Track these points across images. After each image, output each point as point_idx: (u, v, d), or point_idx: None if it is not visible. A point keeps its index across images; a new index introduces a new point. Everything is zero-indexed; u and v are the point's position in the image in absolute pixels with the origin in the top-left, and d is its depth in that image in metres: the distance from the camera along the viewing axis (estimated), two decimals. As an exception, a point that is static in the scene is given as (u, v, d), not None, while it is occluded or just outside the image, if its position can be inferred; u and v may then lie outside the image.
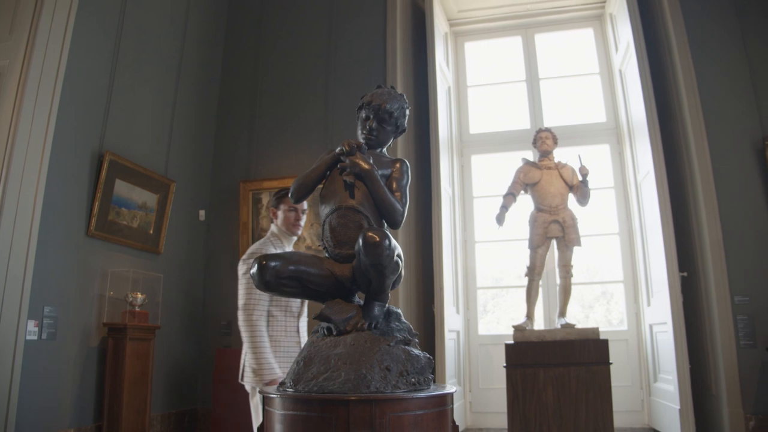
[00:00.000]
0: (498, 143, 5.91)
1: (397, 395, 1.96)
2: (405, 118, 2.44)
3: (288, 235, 3.15)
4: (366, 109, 2.38)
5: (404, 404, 1.95)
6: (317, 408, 1.92)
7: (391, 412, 1.90)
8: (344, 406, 1.88)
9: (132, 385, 4.22)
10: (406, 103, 2.44)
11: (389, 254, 2.01)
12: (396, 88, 2.49)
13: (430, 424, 2.00)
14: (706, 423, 4.53)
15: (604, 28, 5.94)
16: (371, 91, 2.41)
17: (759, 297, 4.44)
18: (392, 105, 2.36)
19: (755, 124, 4.69)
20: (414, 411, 1.96)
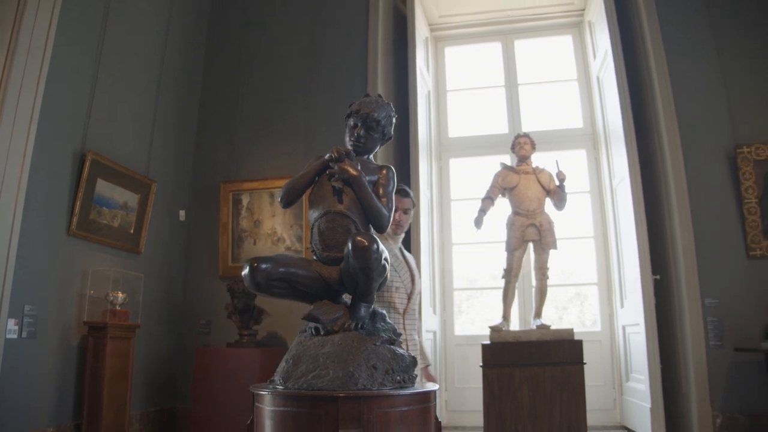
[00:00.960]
0: (476, 147, 6.06)
1: (384, 392, 2.08)
2: (392, 126, 2.56)
3: (392, 235, 3.09)
4: (354, 117, 2.49)
5: (391, 401, 2.07)
6: (307, 404, 2.03)
7: (378, 408, 2.02)
8: (333, 402, 2.00)
9: (112, 383, 4.26)
10: (393, 112, 2.57)
11: (377, 258, 2.13)
12: (381, 95, 2.61)
13: (415, 420, 2.13)
14: (675, 421, 4.72)
15: (582, 35, 6.13)
16: (359, 99, 2.53)
17: (728, 300, 4.63)
18: (380, 113, 2.48)
19: (727, 132, 4.89)
20: (400, 407, 2.08)
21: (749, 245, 4.69)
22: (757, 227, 4.70)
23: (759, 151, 4.77)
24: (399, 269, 2.87)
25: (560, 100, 6.20)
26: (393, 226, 2.99)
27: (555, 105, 6.18)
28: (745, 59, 5.02)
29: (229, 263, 5.36)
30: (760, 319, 4.49)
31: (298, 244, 5.25)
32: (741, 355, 4.50)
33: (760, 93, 4.94)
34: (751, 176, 4.76)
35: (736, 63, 5.03)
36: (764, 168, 4.76)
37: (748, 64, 5.01)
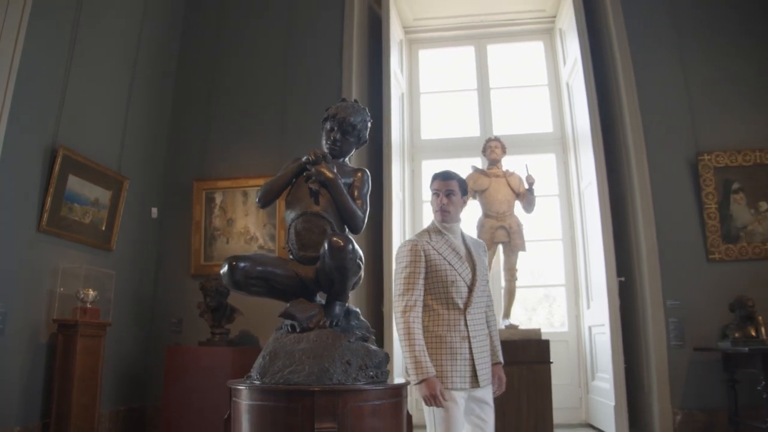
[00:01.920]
0: (448, 149, 6.20)
1: (358, 387, 2.20)
2: (367, 131, 2.68)
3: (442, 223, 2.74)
4: (331, 121, 2.61)
5: (364, 395, 2.19)
6: (284, 399, 2.14)
7: (352, 402, 2.14)
8: (309, 396, 2.11)
9: (82, 381, 4.25)
10: (369, 117, 2.68)
11: (352, 258, 2.25)
12: (357, 100, 2.72)
13: (388, 413, 2.25)
14: (638, 418, 4.92)
15: (553, 42, 6.32)
16: (336, 104, 2.64)
17: (689, 301, 4.84)
18: (356, 118, 2.60)
19: (690, 139, 5.11)
20: (373, 401, 2.20)
21: (709, 249, 4.91)
22: (716, 232, 4.92)
23: (719, 158, 4.99)
24: (453, 260, 2.58)
25: (531, 104, 6.40)
26: (437, 214, 2.74)
27: (526, 109, 6.37)
28: (708, 71, 5.25)
29: (201, 262, 5.39)
30: (717, 320, 4.69)
31: (271, 243, 5.31)
32: (700, 354, 4.71)
33: (721, 103, 5.17)
34: (711, 183, 4.98)
35: (699, 74, 5.25)
36: (723, 175, 4.98)
37: (710, 76, 5.24)
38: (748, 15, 5.33)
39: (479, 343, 2.56)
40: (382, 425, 2.21)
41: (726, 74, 5.22)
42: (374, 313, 5.25)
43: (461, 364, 2.49)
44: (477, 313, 2.60)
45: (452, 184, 2.71)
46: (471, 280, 2.59)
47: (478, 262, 2.67)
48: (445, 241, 2.64)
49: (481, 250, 2.79)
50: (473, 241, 2.81)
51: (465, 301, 2.58)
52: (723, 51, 5.28)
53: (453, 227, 2.72)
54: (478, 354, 2.53)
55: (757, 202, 4.96)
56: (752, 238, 4.91)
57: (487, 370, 2.58)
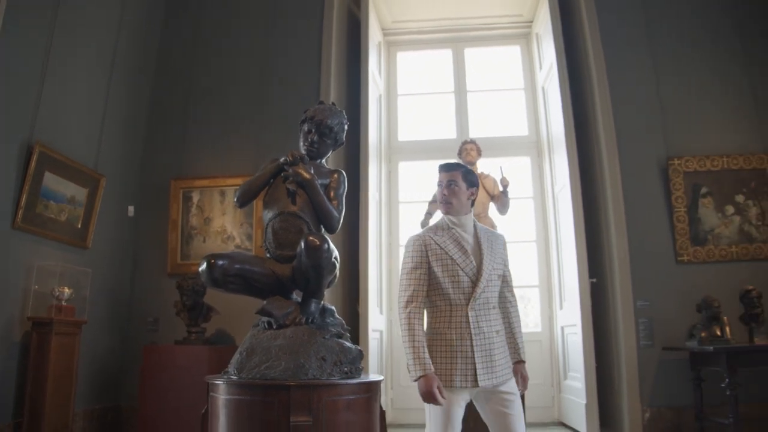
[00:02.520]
0: (425, 151, 6.30)
1: (332, 382, 2.28)
2: (344, 133, 2.77)
3: (445, 216, 2.68)
4: (308, 123, 2.69)
5: (338, 390, 2.27)
6: (260, 393, 2.22)
7: (326, 396, 2.23)
8: (285, 391, 2.19)
9: (56, 380, 4.25)
10: (346, 119, 2.77)
11: (328, 257, 2.34)
12: (334, 103, 2.81)
13: (361, 407, 2.34)
14: (609, 416, 5.06)
15: (530, 46, 6.45)
16: (314, 107, 2.72)
17: (658, 302, 4.99)
18: (333, 120, 2.69)
19: (661, 144, 5.27)
20: (347, 396, 2.29)
21: (678, 251, 5.07)
22: (685, 235, 5.09)
23: (688, 163, 5.16)
24: (456, 255, 2.52)
25: (507, 108, 6.53)
26: (440, 206, 2.68)
27: (502, 113, 6.51)
28: (679, 79, 5.42)
29: (178, 260, 5.43)
30: (685, 320, 4.83)
31: (248, 243, 5.36)
32: (668, 354, 4.87)
33: (692, 110, 5.34)
34: (680, 187, 5.14)
35: (670, 81, 5.43)
36: (692, 179, 5.15)
37: (681, 84, 5.41)
38: (719, 26, 5.52)
39: (483, 340, 2.47)
40: (356, 419, 2.29)
41: (696, 82, 5.40)
42: (350, 313, 5.33)
43: (461, 362, 2.43)
44: (483, 309, 2.52)
45: (454, 175, 2.64)
46: (475, 275, 2.51)
47: (487, 256, 2.57)
48: (450, 235, 2.59)
49: (498, 243, 2.69)
50: (489, 234, 2.72)
51: (468, 296, 2.51)
52: (694, 60, 5.45)
53: (462, 220, 2.64)
54: (480, 352, 2.45)
55: (724, 206, 5.13)
56: (719, 241, 5.08)
57: (494, 368, 2.46)
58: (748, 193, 5.13)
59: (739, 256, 5.05)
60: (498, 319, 2.58)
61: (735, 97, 5.36)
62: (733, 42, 5.47)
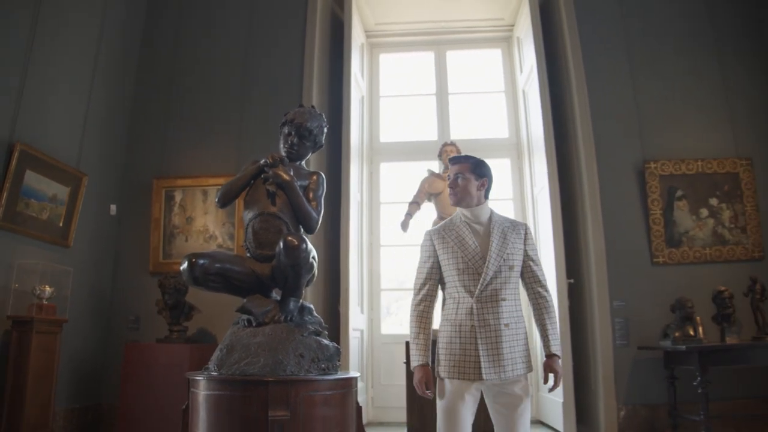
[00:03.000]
0: (406, 152, 6.41)
1: (309, 378, 2.37)
2: (323, 135, 2.87)
3: (457, 207, 2.73)
4: (288, 126, 2.78)
5: (315, 385, 2.37)
6: (239, 388, 2.30)
7: (304, 392, 2.32)
8: (263, 386, 2.28)
9: (36, 379, 4.26)
10: (325, 122, 2.87)
11: (305, 256, 2.43)
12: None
13: (338, 403, 2.43)
14: (585, 414, 5.18)
15: (511, 50, 6.58)
16: (294, 109, 2.81)
17: (634, 302, 5.13)
18: (312, 123, 2.79)
19: (637, 148, 5.41)
20: (324, 391, 2.38)
21: (653, 253, 5.21)
22: (660, 237, 5.23)
23: (664, 166, 5.30)
24: (463, 247, 2.55)
25: (488, 110, 6.66)
26: (450, 198, 2.72)
27: (483, 115, 6.64)
28: (656, 84, 5.57)
29: (160, 259, 5.48)
30: (660, 320, 4.97)
31: (230, 242, 5.42)
32: (643, 353, 5.00)
33: (668, 115, 5.49)
34: (656, 189, 5.28)
35: (648, 86, 5.58)
36: (668, 182, 5.30)
37: (658, 89, 5.56)
38: (696, 33, 5.68)
39: (489, 332, 2.45)
40: (332, 414, 2.39)
41: (673, 87, 5.55)
42: (331, 312, 5.42)
43: (466, 354, 2.45)
44: (489, 301, 2.50)
45: (460, 168, 2.68)
46: (480, 267, 2.51)
47: (494, 247, 2.54)
48: (460, 227, 2.63)
49: (514, 234, 2.64)
50: (506, 224, 2.68)
51: (475, 289, 2.51)
52: (671, 65, 5.60)
53: (474, 211, 2.64)
54: (485, 345, 2.44)
55: (698, 209, 5.28)
56: (693, 243, 5.23)
57: (501, 362, 2.43)
58: (722, 197, 5.28)
59: (713, 258, 5.20)
60: (512, 312, 2.53)
61: (710, 102, 5.52)
62: (710, 49, 5.63)
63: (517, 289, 2.62)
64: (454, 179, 2.67)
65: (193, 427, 2.38)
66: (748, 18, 5.73)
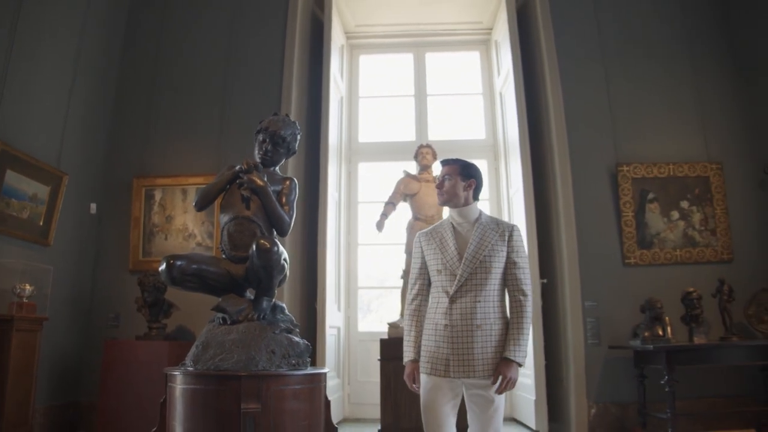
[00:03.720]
0: (384, 153, 6.61)
1: (280, 373, 2.58)
2: (296, 142, 3.07)
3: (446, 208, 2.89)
4: (263, 134, 2.98)
5: (285, 380, 2.57)
6: (214, 383, 2.50)
7: (274, 386, 2.52)
8: (236, 381, 2.48)
9: (16, 376, 4.33)
10: (298, 130, 3.06)
11: (277, 258, 2.63)
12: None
13: (307, 396, 2.63)
14: (557, 411, 5.39)
15: (489, 52, 6.80)
16: (268, 118, 3.01)
17: (605, 302, 5.34)
18: (286, 131, 2.99)
19: (610, 151, 5.64)
20: (293, 386, 2.58)
21: (625, 254, 5.44)
22: (632, 238, 5.46)
23: (636, 170, 5.54)
24: (442, 249, 2.69)
25: (466, 112, 6.89)
26: (437, 198, 2.84)
27: (461, 116, 6.86)
28: (630, 89, 5.81)
29: (139, 257, 5.63)
30: (630, 320, 5.20)
31: (209, 241, 5.58)
32: (613, 352, 5.22)
33: (641, 119, 5.73)
34: (629, 192, 5.52)
35: (622, 91, 5.81)
36: (640, 185, 5.53)
37: (632, 93, 5.80)
38: (668, 39, 5.94)
39: (460, 331, 2.54)
40: (301, 407, 2.59)
41: (646, 92, 5.79)
42: (309, 310, 5.60)
43: (438, 352, 2.59)
44: (464, 300, 2.59)
45: (448, 170, 2.79)
46: (457, 270, 2.61)
47: (472, 250, 2.64)
48: (445, 230, 2.76)
49: (495, 235, 2.69)
50: (490, 225, 2.76)
51: (450, 289, 2.62)
52: (644, 70, 5.85)
53: (463, 211, 2.76)
54: (455, 343, 2.55)
55: (669, 211, 5.52)
56: (664, 245, 5.46)
57: (471, 362, 2.54)
58: (693, 200, 5.53)
59: (683, 260, 5.43)
60: (487, 313, 2.59)
61: (682, 107, 5.77)
62: (683, 54, 5.89)
63: (496, 291, 2.66)
64: (441, 181, 2.79)
65: (170, 420, 2.57)
66: (720, 26, 5.99)
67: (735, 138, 5.70)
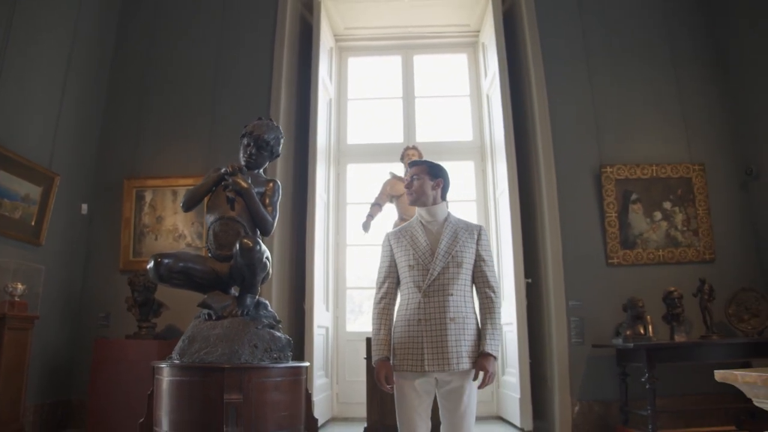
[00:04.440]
0: (373, 154, 6.80)
1: (261, 365, 2.77)
2: (279, 146, 3.26)
3: (415, 208, 3.01)
4: (248, 137, 3.18)
5: (266, 372, 2.75)
6: (199, 375, 2.69)
7: (256, 378, 2.71)
8: (220, 373, 2.66)
9: (8, 374, 4.46)
10: (281, 134, 3.26)
11: (259, 257, 2.82)
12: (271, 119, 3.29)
13: (287, 388, 2.82)
14: (541, 409, 5.58)
15: (476, 55, 7.00)
16: (253, 122, 3.20)
17: (589, 301, 5.53)
18: (269, 135, 3.18)
19: (595, 152, 5.84)
20: (275, 378, 2.77)
21: (608, 254, 5.63)
22: (615, 238, 5.65)
23: (620, 171, 5.73)
24: (413, 246, 2.82)
25: (453, 113, 7.09)
26: (407, 198, 2.98)
27: (448, 118, 7.06)
28: (614, 91, 6.01)
29: (130, 257, 5.80)
30: (614, 319, 5.38)
31: (198, 241, 5.76)
32: (597, 351, 5.41)
33: (624, 121, 5.93)
34: (612, 193, 5.71)
35: (605, 93, 6.01)
36: (623, 186, 5.73)
37: (616, 96, 6.00)
38: (651, 42, 6.15)
39: (434, 326, 2.65)
40: (282, 399, 2.77)
41: (630, 95, 6.00)
42: (297, 309, 5.78)
43: (412, 347, 2.66)
44: (436, 295, 2.71)
45: (417, 170, 2.94)
46: (428, 262, 2.73)
47: (443, 244, 2.79)
48: (415, 228, 2.89)
49: (466, 233, 2.86)
50: (460, 225, 2.92)
51: (423, 283, 2.72)
52: (628, 73, 6.05)
53: (431, 210, 2.89)
54: (429, 337, 2.65)
55: (652, 212, 5.71)
56: (647, 245, 5.66)
57: (445, 355, 2.64)
58: (675, 200, 5.73)
59: (665, 260, 5.63)
60: (459, 307, 2.73)
61: (665, 109, 5.97)
62: (666, 58, 6.09)
63: (467, 286, 2.82)
64: (410, 180, 2.93)
65: (157, 410, 2.75)
66: (702, 30, 6.20)
67: (717, 139, 5.90)
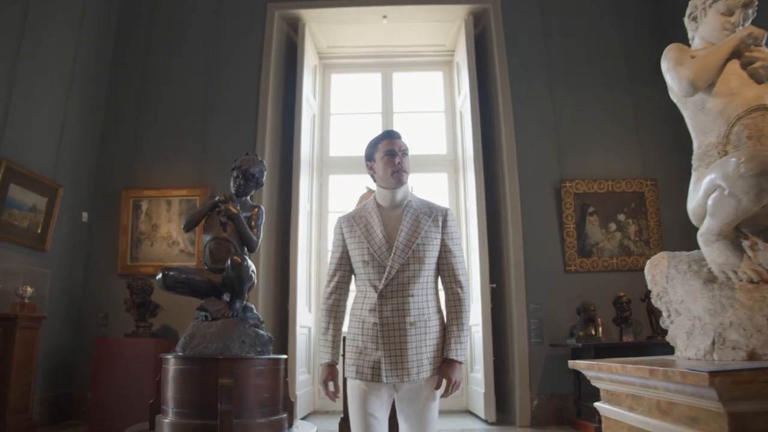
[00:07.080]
0: (354, 166, 7.53)
1: (248, 357, 3.70)
2: (263, 177, 4.20)
3: (392, 188, 2.64)
4: (237, 171, 4.11)
5: (252, 362, 3.69)
6: (198, 364, 3.62)
7: (244, 366, 3.65)
8: (215, 362, 3.61)
9: (19, 369, 5.11)
10: (264, 167, 4.20)
11: (246, 270, 3.77)
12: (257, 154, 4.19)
13: (269, 375, 3.76)
14: (504, 403, 6.44)
15: (451, 73, 7.87)
16: (241, 157, 4.13)
17: (548, 305, 6.36)
18: (255, 169, 4.11)
19: (555, 168, 6.70)
20: (258, 367, 3.70)
21: (566, 262, 6.49)
22: (573, 248, 6.53)
23: (578, 185, 6.61)
24: (369, 237, 2.56)
25: (429, 128, 7.93)
26: (395, 175, 2.62)
27: (424, 133, 7.89)
28: (574, 112, 6.87)
29: (127, 262, 6.64)
30: (570, 321, 6.21)
31: (191, 247, 6.57)
32: (554, 350, 6.24)
33: (583, 139, 6.80)
34: (571, 206, 6.59)
35: (567, 114, 6.87)
36: (581, 200, 6.60)
37: (576, 116, 6.86)
38: (610, 64, 7.02)
39: (392, 331, 2.44)
40: (264, 383, 3.70)
41: (589, 116, 6.85)
42: (282, 311, 6.64)
43: (367, 354, 2.46)
44: (395, 296, 2.48)
45: (404, 145, 2.68)
46: (387, 261, 2.49)
47: (404, 238, 2.52)
48: (370, 215, 2.61)
49: (428, 221, 2.59)
50: (423, 209, 2.65)
51: (379, 283, 2.48)
52: (588, 94, 6.92)
53: (394, 194, 2.63)
54: (387, 345, 2.44)
55: (607, 223, 6.59)
56: (602, 254, 6.54)
57: (404, 364, 2.44)
58: (629, 213, 6.61)
59: (619, 267, 6.48)
60: (421, 309, 2.49)
61: (621, 128, 6.83)
62: (622, 77, 6.96)
63: (430, 283, 2.56)
64: (404, 155, 2.69)
65: (164, 392, 3.68)
66: (657, 48, 6.95)
67: (668, 157, 6.72)
